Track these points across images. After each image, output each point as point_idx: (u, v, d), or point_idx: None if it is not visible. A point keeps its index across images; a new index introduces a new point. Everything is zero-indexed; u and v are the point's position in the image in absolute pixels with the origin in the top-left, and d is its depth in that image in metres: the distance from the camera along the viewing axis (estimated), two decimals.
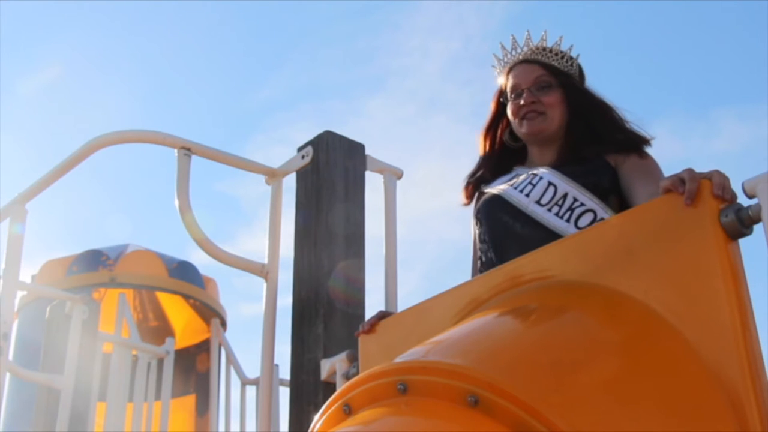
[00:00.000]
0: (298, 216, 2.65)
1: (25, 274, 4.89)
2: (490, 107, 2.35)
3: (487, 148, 2.34)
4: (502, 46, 2.32)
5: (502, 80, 2.31)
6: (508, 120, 2.31)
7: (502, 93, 2.32)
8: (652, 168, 2.11)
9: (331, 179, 2.61)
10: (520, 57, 2.29)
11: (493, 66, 2.36)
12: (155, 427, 4.64)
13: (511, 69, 2.29)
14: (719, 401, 1.32)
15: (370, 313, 2.31)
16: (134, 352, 4.66)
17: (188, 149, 2.48)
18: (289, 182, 2.68)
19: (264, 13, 11.95)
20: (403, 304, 2.43)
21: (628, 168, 2.09)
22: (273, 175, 2.65)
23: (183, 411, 5.51)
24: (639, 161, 2.11)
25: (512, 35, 2.31)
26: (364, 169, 2.71)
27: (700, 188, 1.45)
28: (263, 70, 13.08)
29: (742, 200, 1.44)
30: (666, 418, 1.29)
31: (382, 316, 2.06)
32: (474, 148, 2.40)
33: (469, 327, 1.58)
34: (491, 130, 2.34)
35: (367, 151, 2.73)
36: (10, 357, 3.15)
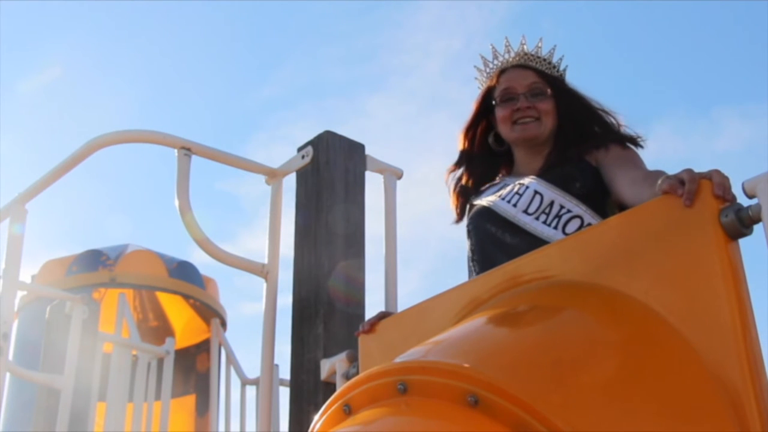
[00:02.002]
0: (298, 216, 2.65)
1: (25, 274, 4.89)
2: (473, 106, 2.32)
3: (467, 146, 2.32)
4: (493, 48, 2.31)
5: (491, 81, 2.29)
6: (488, 123, 2.29)
7: (486, 97, 2.29)
8: (631, 156, 2.10)
9: (331, 179, 2.61)
10: (514, 61, 2.27)
11: (477, 67, 2.34)
12: (155, 427, 4.63)
13: (502, 72, 2.27)
14: (719, 401, 1.32)
15: (370, 313, 2.31)
16: (134, 352, 4.66)
17: (188, 149, 2.48)
18: (290, 182, 2.69)
19: (265, 11, 11.96)
20: (403, 303, 2.43)
21: (609, 161, 2.08)
22: (273, 175, 2.65)
23: (183, 411, 5.51)
24: (620, 152, 2.10)
25: (506, 37, 2.29)
26: (364, 169, 2.71)
27: (700, 188, 1.45)
28: (264, 68, 13.09)
29: (742, 200, 1.45)
30: (666, 418, 1.29)
31: (382, 316, 2.06)
32: None
33: (469, 327, 1.58)
34: (471, 129, 2.32)
35: (369, 150, 2.74)
36: (10, 357, 3.15)
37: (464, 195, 2.30)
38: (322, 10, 11.63)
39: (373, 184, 2.70)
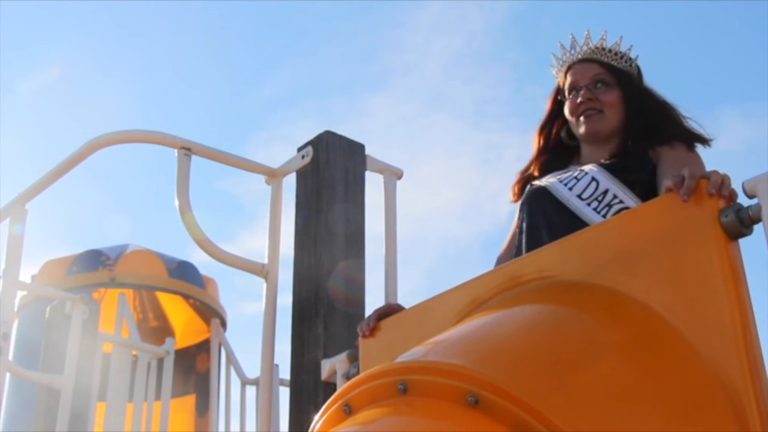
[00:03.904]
0: (298, 216, 2.65)
1: (25, 274, 4.89)
2: (547, 105, 2.35)
3: (542, 144, 2.34)
4: (561, 45, 2.32)
5: (560, 79, 2.32)
6: (563, 119, 2.31)
7: (559, 91, 2.32)
8: (692, 161, 2.08)
9: (331, 179, 2.61)
10: (579, 56, 2.29)
11: (551, 65, 2.36)
12: (155, 427, 4.63)
13: (569, 68, 2.29)
14: (719, 401, 1.32)
15: (370, 313, 2.31)
16: (134, 352, 4.65)
17: (188, 149, 2.49)
18: (289, 182, 2.69)
19: (265, 10, 11.95)
20: (403, 303, 2.42)
21: (667, 159, 2.08)
22: (273, 175, 2.65)
23: (183, 411, 5.51)
24: (682, 153, 2.10)
25: (572, 34, 2.31)
26: (364, 169, 2.71)
27: (700, 187, 1.45)
28: (265, 67, 13.09)
29: (743, 200, 1.44)
30: (666, 417, 1.29)
31: (381, 314, 2.03)
32: (475, 147, 2.40)
33: (470, 327, 1.58)
34: (546, 128, 2.34)
35: (370, 149, 2.75)
36: (10, 357, 3.15)
37: (525, 180, 2.31)
38: (323, 10, 11.64)
39: (373, 184, 2.71)
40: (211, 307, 5.63)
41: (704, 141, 2.17)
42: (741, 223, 1.41)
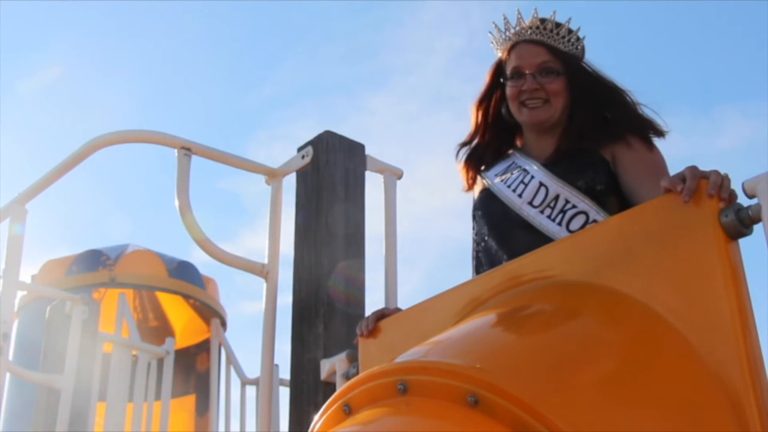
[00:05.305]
0: (298, 216, 2.65)
1: (25, 274, 4.89)
2: (486, 78, 2.24)
3: (480, 119, 2.25)
4: (505, 18, 2.19)
5: (502, 55, 2.20)
6: (502, 94, 2.21)
7: (499, 68, 2.21)
8: (657, 164, 2.03)
9: (331, 179, 2.61)
10: (525, 35, 2.16)
11: (490, 32, 2.24)
12: (155, 427, 4.63)
13: (513, 46, 2.17)
14: (719, 401, 1.32)
15: (370, 312, 2.31)
16: (134, 352, 4.66)
17: (188, 149, 2.49)
18: (290, 182, 2.69)
19: (265, 10, 11.96)
20: (405, 302, 2.42)
21: (631, 162, 2.01)
22: (273, 175, 2.65)
23: (183, 411, 5.51)
24: (644, 155, 2.03)
25: (518, 9, 2.18)
26: (364, 169, 2.71)
27: (700, 187, 1.45)
28: (265, 67, 13.10)
29: (743, 200, 1.44)
30: (666, 417, 1.29)
31: (380, 316, 2.04)
32: None
33: (470, 327, 1.58)
34: (485, 101, 2.24)
35: (370, 148, 2.75)
36: (10, 357, 3.15)
37: (475, 164, 2.24)
38: (323, 8, 11.64)
39: (373, 184, 2.71)
40: (211, 307, 5.63)
41: (659, 132, 2.08)
42: (741, 223, 1.41)
